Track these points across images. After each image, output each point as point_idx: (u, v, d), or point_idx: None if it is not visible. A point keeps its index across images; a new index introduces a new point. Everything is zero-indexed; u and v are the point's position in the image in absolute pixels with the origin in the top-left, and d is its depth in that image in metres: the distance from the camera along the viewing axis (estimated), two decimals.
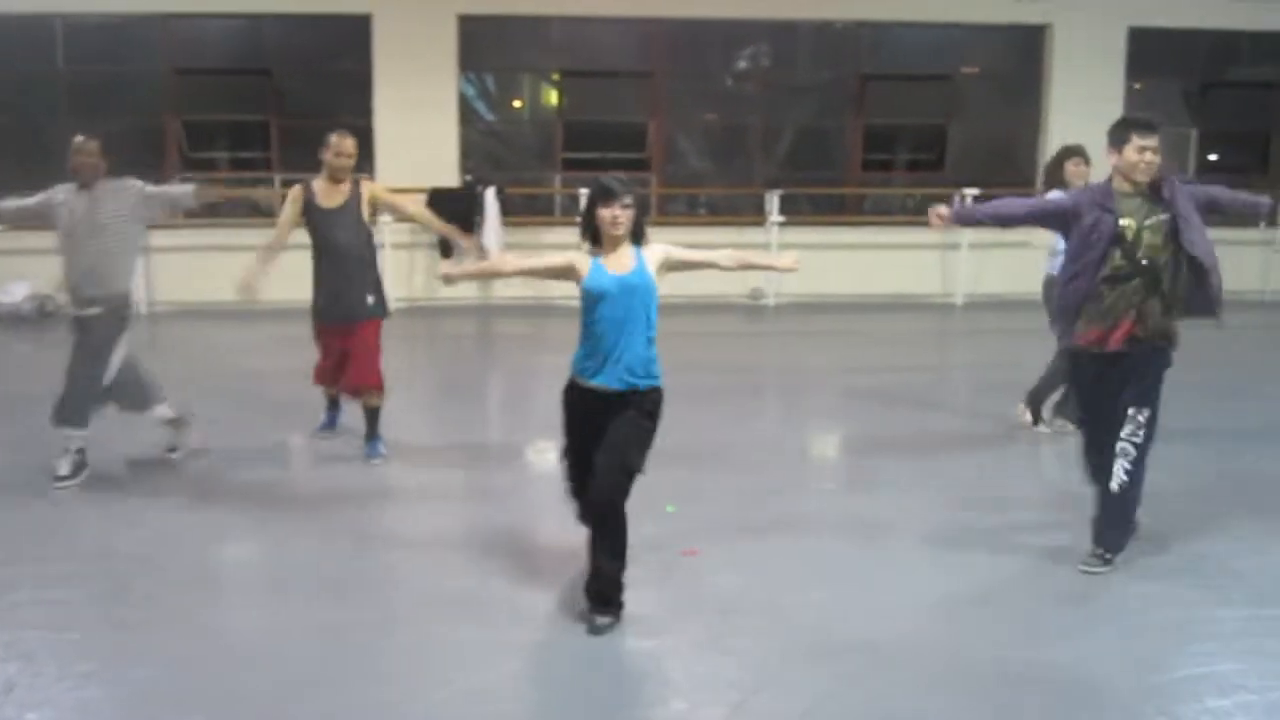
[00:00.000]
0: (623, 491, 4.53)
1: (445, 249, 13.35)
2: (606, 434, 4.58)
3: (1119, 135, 5.27)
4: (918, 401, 9.11)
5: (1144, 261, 5.18)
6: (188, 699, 4.06)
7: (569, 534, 5.00)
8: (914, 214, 15.55)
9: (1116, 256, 5.20)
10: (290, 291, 13.28)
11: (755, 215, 14.18)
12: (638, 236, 4.69)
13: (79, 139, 6.41)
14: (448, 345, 12.55)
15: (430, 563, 5.48)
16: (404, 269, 13.59)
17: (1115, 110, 14.58)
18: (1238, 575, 5.29)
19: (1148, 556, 5.45)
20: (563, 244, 14.00)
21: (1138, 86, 14.89)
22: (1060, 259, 7.50)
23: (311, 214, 6.96)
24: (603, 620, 4.54)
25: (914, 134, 15.33)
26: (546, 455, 7.22)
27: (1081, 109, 14.37)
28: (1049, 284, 7.78)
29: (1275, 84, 15.31)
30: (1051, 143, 14.55)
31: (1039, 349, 7.76)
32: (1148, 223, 5.19)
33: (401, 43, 13.52)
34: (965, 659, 4.43)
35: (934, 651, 4.49)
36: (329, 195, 6.92)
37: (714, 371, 10.20)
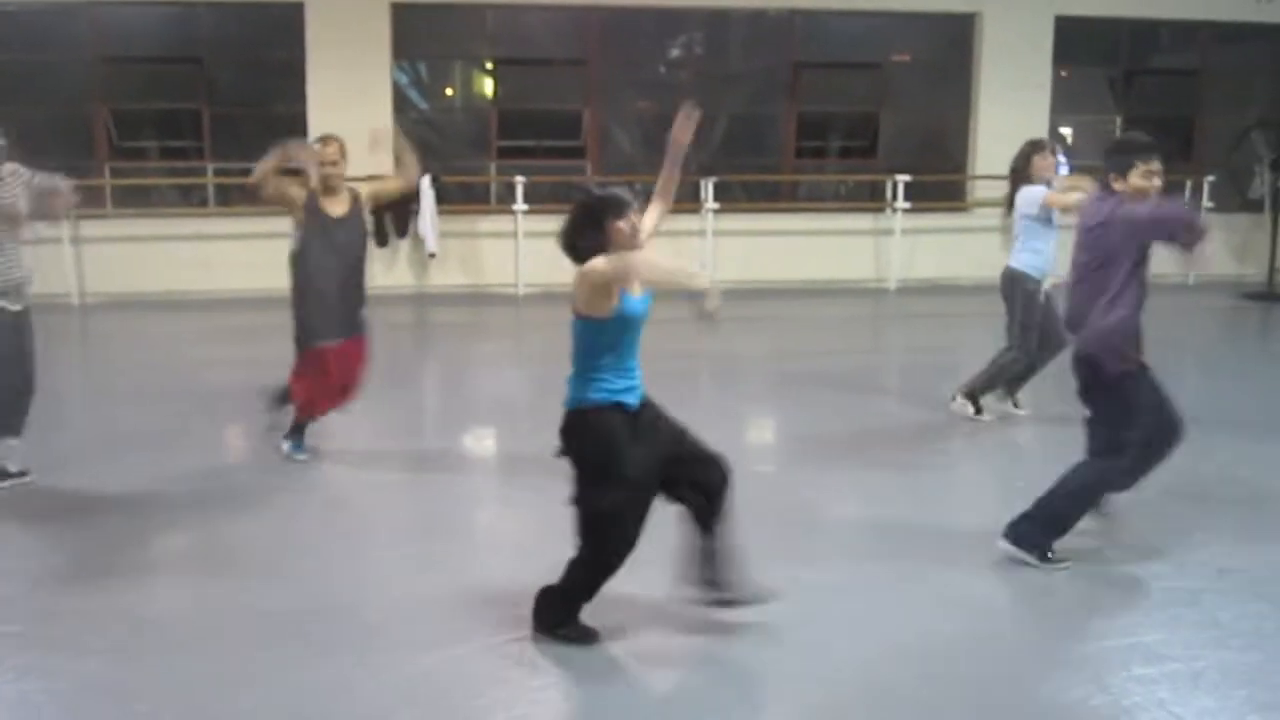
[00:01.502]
0: None
1: (381, 237, 13.34)
2: (672, 428, 4.47)
3: (1122, 161, 5.03)
4: (852, 386, 9.25)
5: None
6: (129, 689, 4.07)
7: (522, 523, 5.04)
8: (846, 200, 15.76)
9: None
10: (209, 282, 13.22)
11: (690, 203, 14.23)
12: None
13: None
14: (386, 336, 12.50)
15: (379, 551, 5.52)
16: None
17: (1043, 98, 14.87)
18: (1159, 550, 5.46)
19: (1071, 535, 5.59)
20: (498, 231, 14.06)
21: (1064, 74, 15.13)
22: (1028, 254, 7.66)
23: (315, 220, 6.64)
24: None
25: (847, 121, 15.47)
26: (485, 443, 7.27)
27: (1010, 96, 14.64)
28: (1014, 279, 7.82)
29: (1197, 71, 15.62)
30: (981, 129, 14.83)
31: (970, 332, 7.91)
32: None
33: (334, 31, 13.43)
34: (892, 629, 4.57)
35: (862, 621, 4.63)
36: (332, 204, 6.63)
37: (650, 358, 10.26)
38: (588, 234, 4.34)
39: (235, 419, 7.97)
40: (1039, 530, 5.22)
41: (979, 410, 7.92)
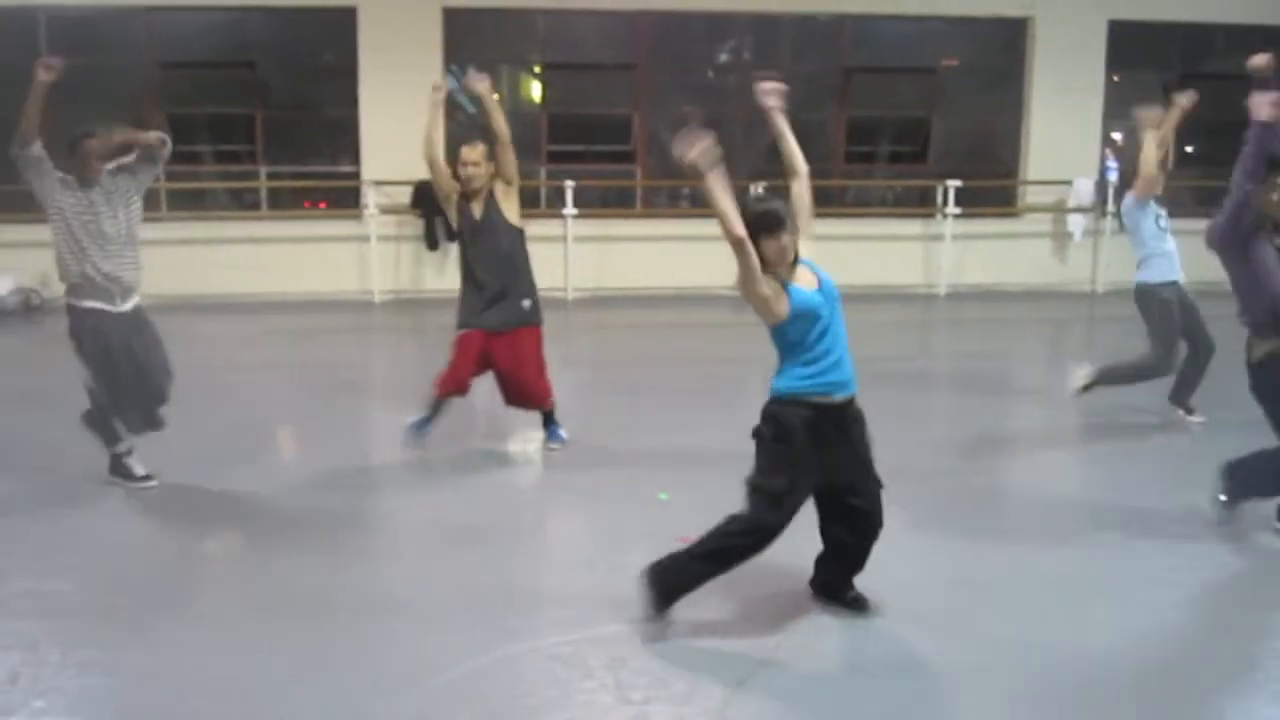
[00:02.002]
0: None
1: (431, 241, 13.42)
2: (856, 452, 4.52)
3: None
4: (904, 388, 9.20)
5: None
6: (188, 684, 4.10)
7: (567, 529, 5.04)
8: (896, 205, 15.69)
9: None
10: (262, 285, 13.36)
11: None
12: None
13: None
14: (437, 339, 12.57)
15: (430, 552, 5.55)
16: (390, 261, 13.63)
17: (1095, 103, 14.77)
18: None
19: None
20: (547, 236, 14.14)
21: (1117, 79, 15.00)
22: (1152, 266, 7.61)
23: (464, 219, 6.79)
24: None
25: (897, 126, 15.41)
26: (532, 446, 7.29)
27: (1062, 101, 14.55)
28: (1142, 294, 7.70)
29: (1251, 76, 15.42)
30: (1033, 134, 14.73)
31: (1021, 338, 7.85)
32: None
33: (386, 35, 13.54)
34: (945, 640, 4.52)
35: (923, 635, 4.57)
36: (476, 206, 6.75)
37: (703, 362, 10.30)
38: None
39: (284, 422, 8.05)
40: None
41: (1087, 389, 7.87)
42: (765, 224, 4.35)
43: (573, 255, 13.43)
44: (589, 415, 7.61)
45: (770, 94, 4.80)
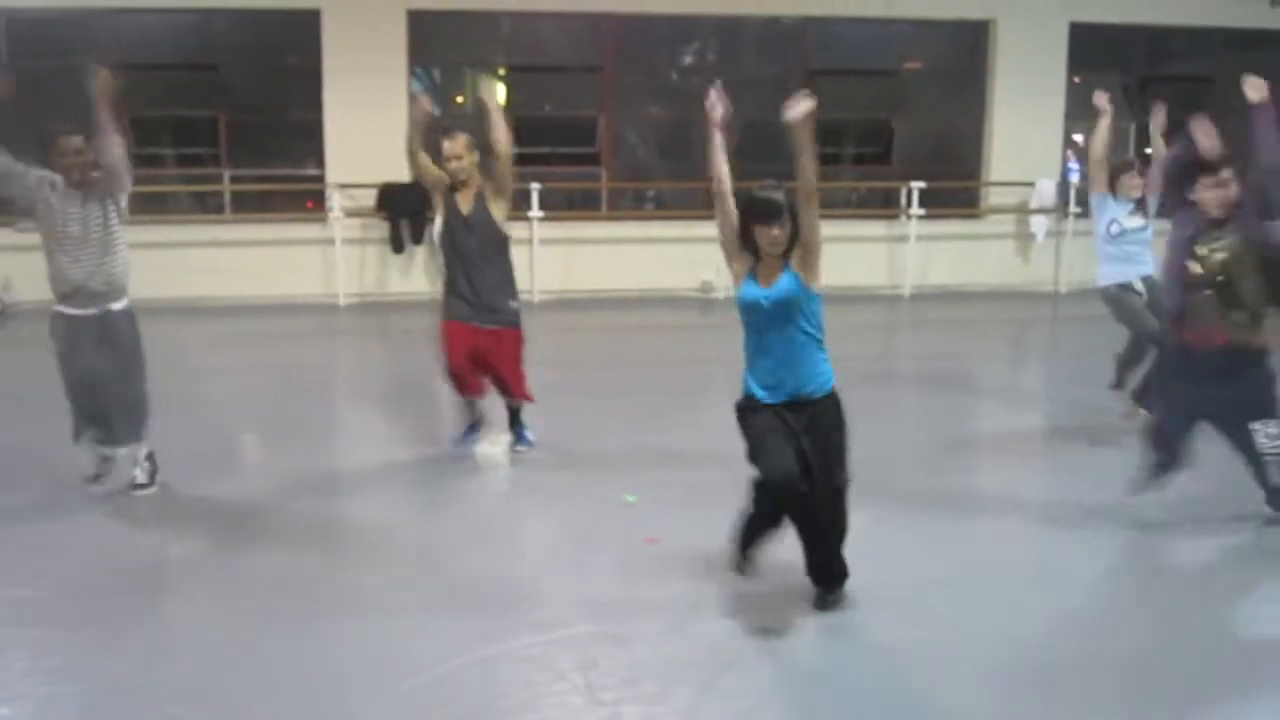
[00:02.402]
0: None
1: (396, 244, 13.40)
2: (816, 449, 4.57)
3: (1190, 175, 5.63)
4: (873, 389, 9.24)
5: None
6: (159, 691, 4.09)
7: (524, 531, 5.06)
8: (860, 207, 15.76)
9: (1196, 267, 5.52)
10: (225, 289, 13.30)
11: (704, 210, 14.23)
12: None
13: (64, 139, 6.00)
14: (402, 341, 12.56)
15: (402, 557, 5.55)
16: (355, 264, 13.59)
17: (1057, 104, 14.90)
18: None
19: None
20: (517, 239, 14.13)
21: (1078, 81, 15.13)
22: (1100, 268, 7.76)
23: (449, 212, 6.73)
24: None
25: (861, 128, 15.45)
26: (498, 448, 7.30)
27: (1024, 103, 14.66)
28: (1107, 298, 7.85)
29: (1211, 78, 15.60)
30: (995, 136, 14.85)
31: (985, 338, 7.93)
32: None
33: (351, 38, 13.48)
34: (925, 633, 4.57)
35: (888, 636, 4.62)
36: (464, 199, 6.70)
37: (667, 364, 10.33)
38: (743, 233, 4.55)
39: (252, 426, 8.03)
40: None
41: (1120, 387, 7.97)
42: (758, 212, 4.49)
43: (538, 257, 13.43)
44: (556, 417, 7.62)
45: (714, 106, 4.82)
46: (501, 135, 6.61)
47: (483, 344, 6.78)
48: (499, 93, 6.83)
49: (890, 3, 14.35)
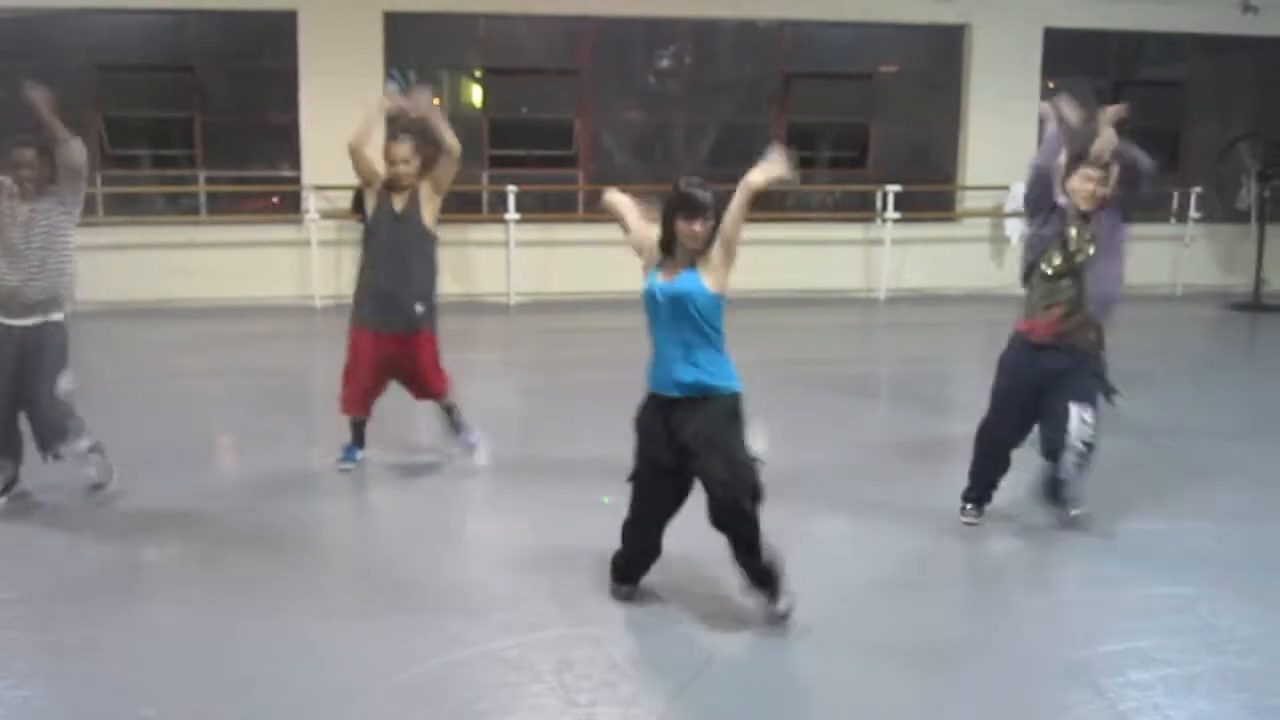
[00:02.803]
0: None
1: None
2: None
3: (1070, 165, 5.74)
4: (846, 391, 9.30)
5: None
6: (132, 693, 4.08)
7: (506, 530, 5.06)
8: (836, 210, 15.80)
9: (1056, 259, 5.63)
10: (201, 290, 13.27)
11: None
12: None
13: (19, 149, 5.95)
14: None
15: (376, 560, 5.54)
16: (331, 266, 13.55)
17: (1032, 109, 14.83)
18: (1155, 555, 5.52)
19: (1071, 536, 5.68)
20: (489, 240, 14.07)
21: (1053, 85, 15.20)
22: None
23: (381, 208, 6.64)
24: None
25: (836, 131, 15.50)
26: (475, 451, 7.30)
27: (999, 107, 14.73)
28: None
29: (1183, 83, 15.74)
30: (970, 140, 14.92)
31: (960, 341, 8.01)
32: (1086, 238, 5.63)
33: (327, 39, 13.46)
34: (897, 634, 4.59)
35: (867, 628, 4.65)
36: (398, 199, 6.62)
37: (641, 367, 10.31)
38: (665, 226, 4.62)
39: (226, 427, 8.01)
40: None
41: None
42: (683, 205, 4.58)
43: (515, 260, 13.43)
44: (532, 419, 7.64)
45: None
46: (449, 137, 6.58)
47: (393, 352, 6.66)
48: (428, 96, 6.79)
49: (866, 7, 14.41)
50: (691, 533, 4.77)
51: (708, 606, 4.80)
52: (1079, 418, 5.54)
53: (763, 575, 4.59)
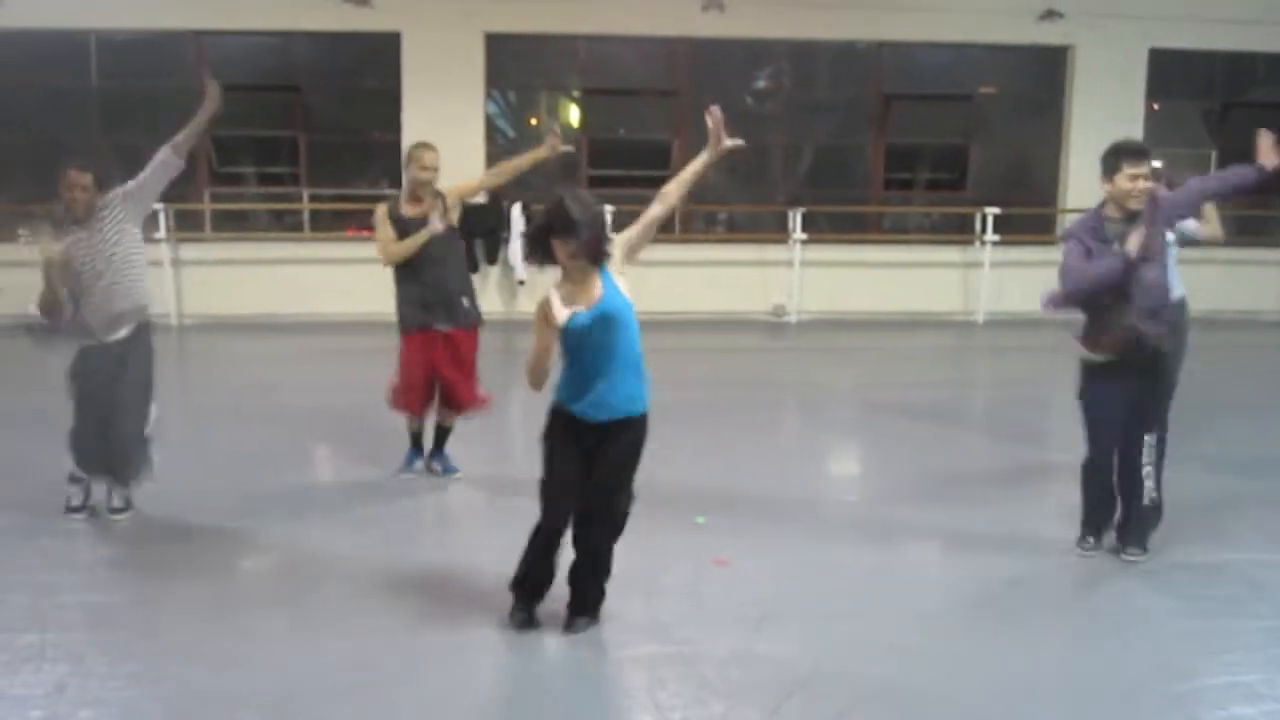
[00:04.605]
0: None
1: (471, 263, 13.50)
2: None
3: (1110, 164, 5.43)
4: (940, 417, 9.21)
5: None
6: (233, 698, 4.16)
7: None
8: (934, 232, 15.69)
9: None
10: (303, 305, 13.49)
11: (777, 233, 14.28)
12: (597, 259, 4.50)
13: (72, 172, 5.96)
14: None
15: (462, 577, 5.59)
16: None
17: (1135, 131, 14.70)
18: (1259, 587, 5.38)
19: (1171, 569, 5.56)
20: None
21: (1157, 107, 14.98)
22: None
23: (399, 225, 6.84)
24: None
25: (935, 153, 15.40)
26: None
27: (1102, 129, 14.43)
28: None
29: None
30: (1072, 163, 14.71)
31: (1057, 366, 7.85)
32: None
33: (430, 60, 13.69)
34: (993, 667, 4.52)
35: (962, 659, 4.58)
36: (411, 207, 6.84)
37: (738, 387, 10.32)
38: (539, 245, 4.47)
39: (325, 440, 8.14)
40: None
41: None
42: (557, 225, 4.39)
43: None
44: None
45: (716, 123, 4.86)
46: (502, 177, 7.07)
47: (441, 349, 6.88)
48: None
49: (966, 28, 14.29)
50: (788, 554, 4.76)
51: (801, 627, 4.78)
52: (1148, 448, 5.52)
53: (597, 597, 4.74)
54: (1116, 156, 5.41)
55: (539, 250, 4.45)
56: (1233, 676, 4.41)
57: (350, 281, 13.64)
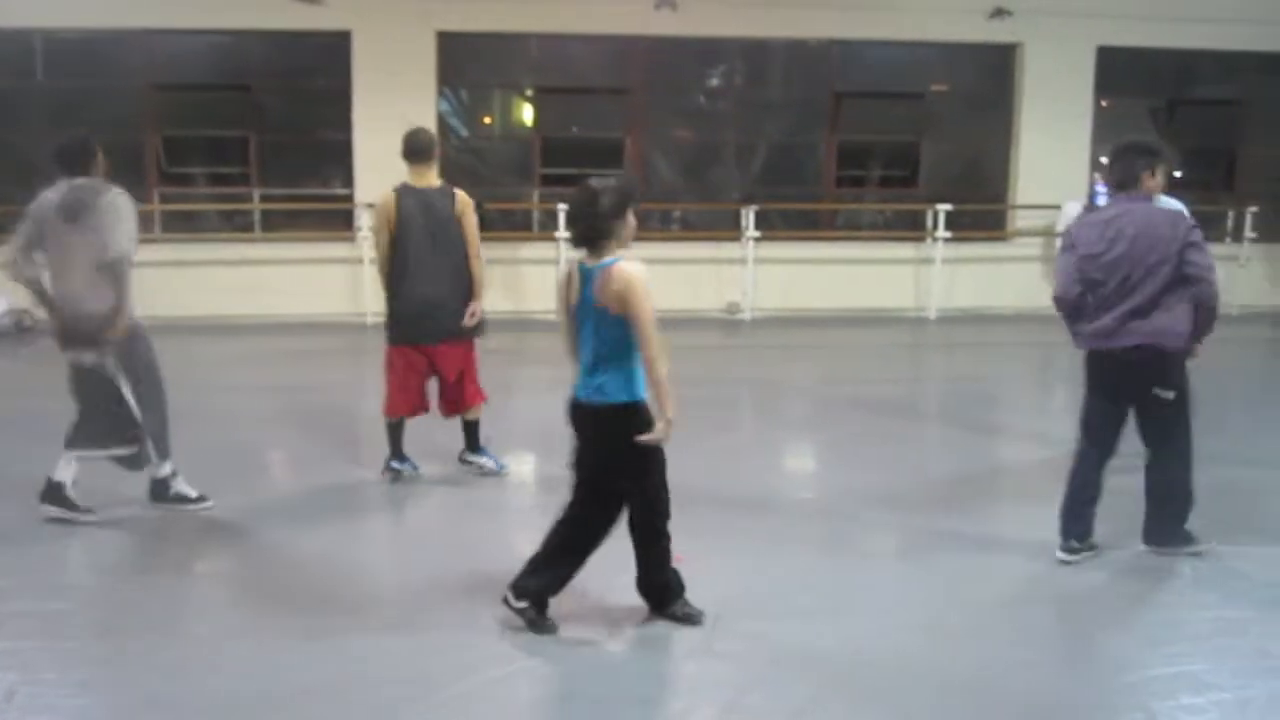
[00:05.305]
0: None
1: None
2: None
3: (1152, 160, 5.46)
4: (895, 412, 9.27)
5: None
6: (184, 706, 4.12)
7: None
8: (886, 229, 15.78)
9: None
10: (255, 307, 13.38)
11: (731, 230, 14.32)
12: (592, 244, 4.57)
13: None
14: None
15: (411, 574, 5.57)
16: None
17: (1084, 128, 14.88)
18: (1207, 578, 5.45)
19: (1118, 560, 5.62)
20: (542, 258, 14.11)
21: (1105, 104, 15.13)
22: None
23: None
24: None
25: (887, 150, 15.48)
26: (523, 467, 7.34)
27: (1051, 126, 14.68)
28: None
29: (1239, 102, 15.58)
30: (1022, 159, 14.85)
31: (1010, 361, 7.96)
32: None
33: (381, 59, 13.63)
34: (945, 661, 4.55)
35: (916, 655, 4.60)
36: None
37: (692, 385, 10.29)
38: (617, 221, 4.52)
39: (284, 442, 8.08)
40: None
41: None
42: (636, 197, 4.65)
43: None
44: None
45: None
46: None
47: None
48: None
49: (917, 26, 14.38)
50: (746, 552, 4.77)
51: (759, 623, 4.80)
52: None
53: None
54: (1157, 156, 5.47)
55: (616, 222, 4.52)
56: (1180, 666, 4.46)
57: (302, 282, 13.59)
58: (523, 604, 4.66)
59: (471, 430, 7.12)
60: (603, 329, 4.49)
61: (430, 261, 6.71)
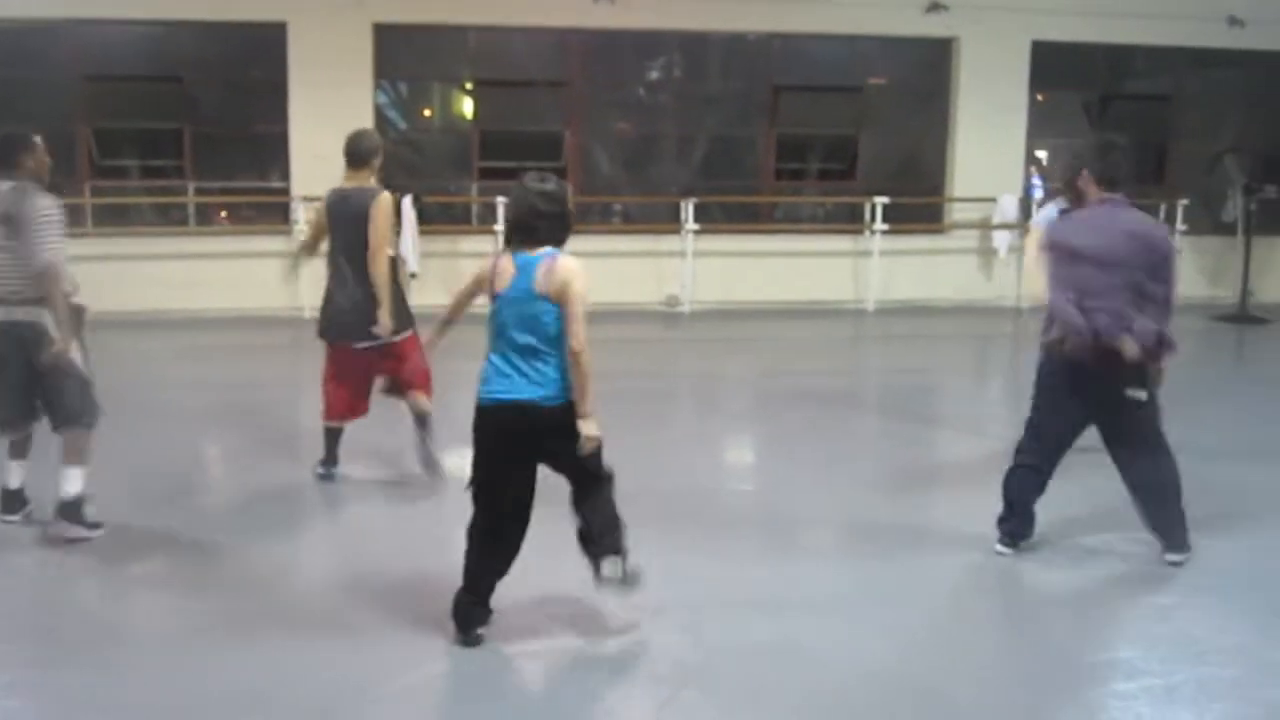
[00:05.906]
0: None
1: None
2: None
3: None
4: (835, 404, 9.33)
5: None
6: (115, 708, 4.08)
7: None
8: (825, 222, 15.85)
9: None
10: (189, 302, 13.22)
11: (670, 223, 14.32)
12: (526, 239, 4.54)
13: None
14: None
15: (358, 576, 5.54)
16: (320, 277, 13.53)
17: (1019, 121, 15.03)
18: (1134, 566, 5.54)
19: (1048, 550, 5.69)
20: (479, 251, 14.04)
21: (1040, 98, 15.29)
22: None
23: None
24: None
25: (825, 143, 15.52)
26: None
27: (987, 119, 14.80)
28: None
29: (1170, 96, 15.80)
30: (959, 152, 14.97)
31: (947, 353, 8.04)
32: None
33: (316, 52, 13.47)
34: (881, 651, 4.59)
35: (854, 651, 4.63)
36: None
37: (631, 378, 10.33)
38: (562, 222, 4.59)
39: (221, 439, 8.01)
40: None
41: None
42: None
43: None
44: None
45: None
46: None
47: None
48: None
49: (855, 19, 14.45)
50: (681, 548, 4.76)
51: (695, 620, 4.82)
52: None
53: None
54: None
55: (562, 222, 4.61)
56: (1111, 653, 4.53)
57: (237, 276, 13.43)
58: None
59: (422, 422, 6.95)
60: (545, 318, 4.48)
61: (339, 263, 6.68)
